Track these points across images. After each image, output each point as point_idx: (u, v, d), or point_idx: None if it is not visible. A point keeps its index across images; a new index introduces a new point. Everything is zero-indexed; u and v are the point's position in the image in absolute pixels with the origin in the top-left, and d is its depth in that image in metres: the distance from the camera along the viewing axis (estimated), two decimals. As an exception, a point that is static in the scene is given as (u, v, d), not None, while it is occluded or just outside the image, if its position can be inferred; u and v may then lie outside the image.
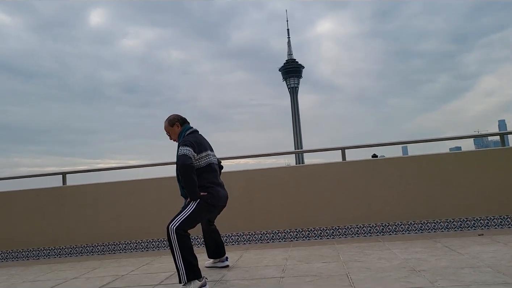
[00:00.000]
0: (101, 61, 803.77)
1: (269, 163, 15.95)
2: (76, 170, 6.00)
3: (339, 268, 3.31)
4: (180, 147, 3.18)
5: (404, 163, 5.00)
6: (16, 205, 5.59)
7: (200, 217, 3.20)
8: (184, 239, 2.98)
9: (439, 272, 2.90)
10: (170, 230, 2.98)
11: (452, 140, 5.79)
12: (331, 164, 5.16)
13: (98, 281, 3.66)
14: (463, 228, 4.68)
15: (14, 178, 6.18)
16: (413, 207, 4.80)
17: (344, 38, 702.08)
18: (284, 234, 4.98)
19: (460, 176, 4.80)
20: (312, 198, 5.00)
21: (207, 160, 3.31)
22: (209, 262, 3.77)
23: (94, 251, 5.32)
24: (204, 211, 3.18)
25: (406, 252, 3.71)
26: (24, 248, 5.45)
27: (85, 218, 5.40)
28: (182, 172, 3.08)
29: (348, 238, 4.84)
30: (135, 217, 5.29)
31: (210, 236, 3.70)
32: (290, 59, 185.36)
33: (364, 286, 2.69)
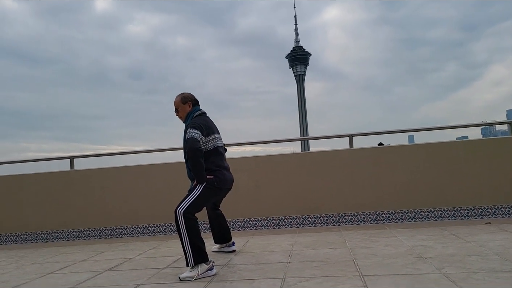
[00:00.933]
0: (107, 46, 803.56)
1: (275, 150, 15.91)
2: (83, 155, 6.02)
3: (345, 254, 3.32)
4: (188, 129, 3.17)
5: (411, 151, 4.97)
6: (25, 189, 5.64)
7: (207, 200, 3.21)
8: (192, 223, 3.00)
9: (446, 259, 2.90)
10: (178, 214, 3.00)
11: (459, 130, 5.74)
12: (338, 151, 5.14)
13: (106, 263, 3.70)
14: (470, 216, 4.67)
15: (23, 161, 6.23)
16: (420, 195, 4.78)
17: (351, 26, 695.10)
18: (290, 220, 4.99)
19: (468, 165, 4.77)
20: (319, 185, 5.00)
21: (215, 143, 3.30)
22: (216, 247, 3.80)
23: (101, 234, 5.38)
24: (210, 194, 3.19)
25: (412, 239, 3.71)
26: (33, 231, 5.52)
27: (92, 202, 5.45)
28: (190, 156, 3.08)
29: (354, 225, 4.85)
30: (141, 202, 5.33)
31: (216, 221, 3.72)
32: (297, 46, 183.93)
33: (371, 272, 2.70)
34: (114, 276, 3.18)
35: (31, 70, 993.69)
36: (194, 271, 2.91)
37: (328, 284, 2.49)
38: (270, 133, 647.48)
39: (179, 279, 2.89)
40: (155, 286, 2.80)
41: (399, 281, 2.44)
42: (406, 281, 2.43)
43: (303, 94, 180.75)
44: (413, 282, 2.40)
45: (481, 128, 17.96)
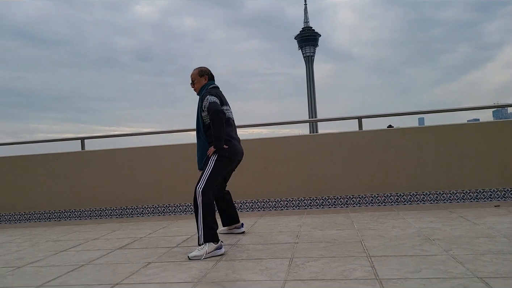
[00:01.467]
0: (115, 28, 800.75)
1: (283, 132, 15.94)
2: (94, 136, 6.08)
3: (353, 235, 3.35)
4: (207, 96, 3.24)
5: (420, 133, 4.94)
6: (38, 169, 5.74)
7: (220, 172, 3.27)
8: (209, 202, 3.11)
9: (454, 241, 2.92)
10: (197, 192, 3.10)
11: (470, 112, 5.69)
12: (347, 133, 5.12)
13: (117, 242, 3.78)
14: (479, 199, 4.66)
15: (35, 142, 6.32)
16: (429, 178, 4.77)
17: (361, 6, 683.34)
18: (298, 202, 5.03)
19: (477, 147, 4.73)
20: (327, 167, 5.00)
21: (227, 114, 3.37)
22: (224, 229, 3.84)
23: (112, 214, 5.47)
24: (222, 165, 3.25)
25: (420, 222, 3.72)
26: (46, 210, 5.64)
27: (103, 183, 5.53)
28: (214, 118, 3.13)
29: (362, 207, 4.87)
30: (151, 182, 5.39)
31: (223, 200, 3.72)
32: (306, 27, 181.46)
33: (378, 253, 2.73)
34: (126, 254, 3.26)
35: (39, 51, 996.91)
36: (202, 250, 2.97)
37: (335, 264, 2.52)
38: (278, 115, 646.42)
39: (188, 258, 2.95)
40: (165, 264, 2.86)
41: (407, 262, 2.46)
42: (413, 262, 2.45)
43: (312, 75, 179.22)
44: (420, 263, 2.42)
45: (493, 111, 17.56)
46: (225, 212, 3.76)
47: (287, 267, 2.53)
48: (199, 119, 3.34)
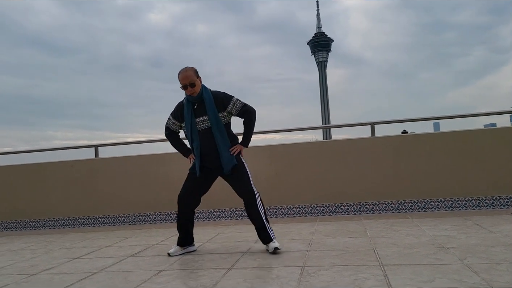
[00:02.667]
0: (128, 35, 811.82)
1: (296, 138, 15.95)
2: (107, 143, 6.16)
3: (366, 243, 3.31)
4: (233, 98, 3.30)
5: (435, 139, 4.87)
6: (53, 176, 5.82)
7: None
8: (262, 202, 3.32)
9: (469, 249, 2.86)
10: (255, 194, 3.25)
11: (486, 117, 5.58)
12: (360, 140, 5.08)
13: (130, 249, 3.80)
14: (495, 206, 4.57)
15: (49, 150, 6.42)
16: (444, 184, 4.70)
17: (373, 10, 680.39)
18: (310, 208, 5.00)
19: (493, 153, 4.65)
20: (340, 173, 4.97)
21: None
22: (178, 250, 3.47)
23: (125, 221, 5.51)
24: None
25: (435, 229, 3.66)
26: (60, 217, 5.71)
27: (116, 190, 5.58)
28: (254, 115, 3.35)
29: (375, 214, 4.81)
30: (164, 189, 5.41)
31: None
32: (319, 32, 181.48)
33: (391, 261, 2.69)
34: (138, 261, 3.27)
35: (55, 59, 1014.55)
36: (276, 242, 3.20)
37: (348, 273, 2.49)
38: (291, 121, 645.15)
39: (275, 249, 3.12)
40: (177, 272, 2.87)
41: (420, 271, 2.42)
42: (427, 271, 2.41)
43: (325, 81, 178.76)
44: (434, 272, 2.38)
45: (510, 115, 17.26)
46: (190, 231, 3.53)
47: (299, 276, 2.51)
48: (218, 119, 3.23)
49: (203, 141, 3.27)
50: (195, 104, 3.28)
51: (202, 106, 3.26)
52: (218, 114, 3.24)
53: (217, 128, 3.23)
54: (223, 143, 3.25)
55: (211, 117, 3.22)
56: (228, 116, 3.33)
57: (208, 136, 3.25)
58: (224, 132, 3.27)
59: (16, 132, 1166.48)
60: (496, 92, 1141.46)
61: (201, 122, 3.26)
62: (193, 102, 3.29)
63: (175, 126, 3.46)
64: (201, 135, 3.27)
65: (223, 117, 3.28)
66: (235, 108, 3.29)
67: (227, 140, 3.27)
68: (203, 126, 3.26)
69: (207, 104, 3.23)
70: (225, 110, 3.28)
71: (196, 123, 3.27)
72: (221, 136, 3.24)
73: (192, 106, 3.29)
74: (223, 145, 3.24)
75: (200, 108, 3.26)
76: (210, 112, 3.22)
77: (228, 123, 3.35)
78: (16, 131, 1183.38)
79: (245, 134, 3.38)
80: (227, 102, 3.28)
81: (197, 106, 3.28)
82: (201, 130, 3.27)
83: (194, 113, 3.27)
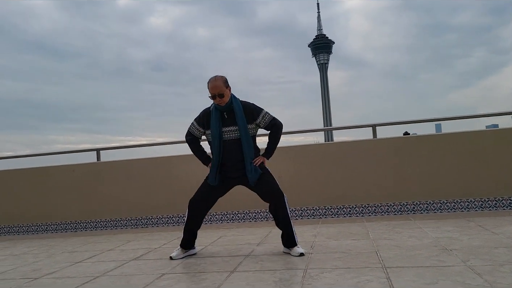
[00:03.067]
0: (129, 39, 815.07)
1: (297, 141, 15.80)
2: (109, 146, 6.17)
3: (368, 245, 3.30)
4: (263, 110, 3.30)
5: (437, 140, 4.87)
6: (55, 180, 5.83)
7: None
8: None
9: (472, 251, 2.85)
10: (284, 197, 3.22)
11: (488, 118, 5.56)
12: (361, 142, 5.08)
13: (132, 253, 3.80)
14: (498, 207, 4.56)
15: (51, 154, 6.43)
16: (446, 186, 4.69)
17: (374, 12, 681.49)
18: (312, 211, 4.99)
19: (496, 154, 4.64)
20: (342, 176, 4.96)
21: None
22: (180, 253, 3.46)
23: (127, 224, 5.51)
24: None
25: (437, 231, 3.65)
26: (62, 221, 5.71)
27: (118, 193, 5.58)
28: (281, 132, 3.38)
29: (378, 216, 4.80)
30: (166, 193, 5.42)
31: None
32: (320, 34, 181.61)
33: (394, 264, 2.68)
34: (140, 265, 3.27)
35: (56, 63, 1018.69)
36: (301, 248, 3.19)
37: (350, 276, 2.49)
38: (293, 123, 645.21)
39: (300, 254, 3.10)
40: (179, 275, 2.86)
41: (423, 273, 2.41)
42: (430, 273, 2.40)
43: (326, 83, 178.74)
44: (437, 274, 2.37)
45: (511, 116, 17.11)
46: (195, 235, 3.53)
47: (301, 279, 2.51)
48: (247, 130, 3.21)
49: (229, 151, 3.23)
50: (224, 112, 3.26)
51: (231, 115, 3.23)
52: (247, 125, 3.22)
53: (246, 139, 3.21)
54: (249, 155, 3.22)
55: (240, 128, 3.20)
56: (256, 128, 3.33)
57: (234, 147, 3.22)
58: (252, 143, 3.26)
59: (18, 136, 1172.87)
60: (498, 93, 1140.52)
61: (228, 131, 3.23)
62: (221, 110, 3.26)
63: (198, 132, 3.41)
64: (227, 145, 3.24)
65: (251, 129, 3.27)
66: (264, 121, 3.29)
67: (253, 152, 3.26)
68: (230, 136, 3.23)
69: (237, 114, 3.20)
70: (253, 122, 3.27)
71: (223, 132, 3.24)
72: (248, 148, 3.22)
73: (220, 115, 3.26)
74: (249, 157, 3.22)
75: (229, 118, 3.23)
76: (239, 122, 3.20)
77: (254, 135, 3.34)
78: (17, 135, 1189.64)
79: (269, 146, 3.37)
80: (256, 115, 3.27)
81: (226, 115, 3.25)
82: (227, 140, 3.24)
83: (222, 122, 3.25)
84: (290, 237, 3.24)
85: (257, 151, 3.36)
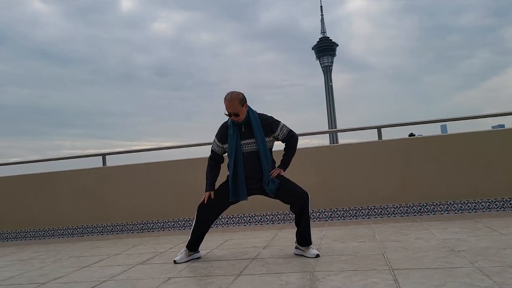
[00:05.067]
0: (133, 45, 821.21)
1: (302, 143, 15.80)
2: (115, 151, 6.19)
3: (375, 247, 3.28)
4: (280, 123, 3.33)
5: (443, 141, 4.84)
6: (61, 185, 5.86)
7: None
8: None
9: (480, 252, 2.82)
10: (309, 198, 3.28)
11: (494, 118, 5.52)
12: (367, 144, 5.07)
13: (138, 257, 3.80)
14: (505, 208, 4.52)
15: (57, 159, 6.46)
16: (453, 187, 4.66)
17: (376, 15, 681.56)
18: (318, 213, 4.97)
19: (503, 154, 4.61)
20: (347, 178, 4.95)
21: None
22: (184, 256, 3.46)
23: (134, 229, 5.52)
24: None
25: (445, 232, 3.62)
26: (69, 226, 5.73)
27: (124, 198, 5.60)
28: (296, 144, 3.43)
29: (384, 218, 4.78)
30: (172, 197, 5.43)
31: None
32: (323, 37, 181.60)
33: (401, 266, 2.66)
34: (146, 269, 3.27)
35: (62, 70, 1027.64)
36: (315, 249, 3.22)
37: (357, 278, 2.47)
38: (297, 126, 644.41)
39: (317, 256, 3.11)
40: (185, 279, 2.86)
41: (431, 275, 2.39)
42: (437, 275, 2.38)
43: (330, 85, 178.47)
44: (445, 276, 2.35)
45: (518, 116, 16.76)
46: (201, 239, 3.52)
47: (308, 282, 2.50)
48: (264, 143, 3.24)
49: (247, 164, 3.25)
50: (242, 126, 3.28)
51: (248, 129, 3.25)
52: (265, 139, 3.24)
53: (264, 151, 3.23)
54: (267, 167, 3.25)
55: (258, 141, 3.22)
56: (273, 141, 3.36)
57: (252, 160, 3.24)
58: (269, 156, 3.30)
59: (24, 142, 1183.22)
60: (503, 93, 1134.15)
61: (246, 144, 3.26)
62: (239, 125, 3.28)
63: (219, 149, 3.42)
64: (245, 158, 3.26)
65: (268, 141, 3.29)
66: (282, 134, 3.32)
67: (270, 164, 3.30)
68: (248, 149, 3.26)
69: (255, 127, 3.23)
70: (271, 135, 3.30)
71: (242, 145, 3.26)
72: (266, 160, 3.24)
73: (238, 128, 3.28)
74: (267, 169, 3.25)
75: (247, 131, 3.26)
76: (257, 136, 3.22)
77: (271, 148, 3.37)
78: (24, 141, 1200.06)
79: (286, 158, 3.39)
80: (275, 128, 3.30)
81: (244, 129, 3.27)
82: (245, 153, 3.26)
83: (240, 135, 3.27)
84: (307, 235, 3.26)
85: (273, 164, 3.38)
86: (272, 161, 3.37)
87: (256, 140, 3.22)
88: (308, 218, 3.29)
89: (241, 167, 3.25)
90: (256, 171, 3.26)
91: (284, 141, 3.39)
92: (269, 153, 3.31)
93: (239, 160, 3.26)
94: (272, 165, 3.33)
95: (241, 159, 3.25)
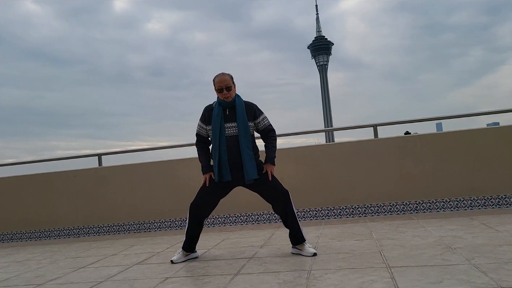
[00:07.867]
0: (128, 45, 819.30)
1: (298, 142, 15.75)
2: (110, 151, 6.17)
3: (372, 245, 3.29)
4: (263, 114, 3.37)
5: (438, 139, 4.86)
6: (57, 186, 5.83)
7: None
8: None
9: (476, 249, 2.84)
10: (290, 195, 3.30)
11: (489, 116, 5.55)
12: (363, 142, 5.07)
13: (135, 257, 3.79)
14: (501, 205, 4.54)
15: (53, 160, 6.43)
16: (449, 184, 4.68)
17: (370, 14, 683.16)
18: (315, 212, 4.98)
19: (498, 152, 4.63)
20: (344, 176, 4.95)
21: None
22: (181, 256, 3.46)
23: (130, 229, 5.50)
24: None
25: (441, 230, 3.64)
26: (65, 227, 5.71)
27: (121, 198, 5.58)
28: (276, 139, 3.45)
29: (381, 216, 4.79)
30: (168, 196, 5.42)
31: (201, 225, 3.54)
32: (319, 36, 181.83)
33: (398, 263, 2.67)
34: (143, 269, 3.26)
35: (56, 70, 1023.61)
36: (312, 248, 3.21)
37: (354, 276, 2.48)
38: (293, 125, 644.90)
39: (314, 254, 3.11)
40: (182, 279, 2.86)
41: (427, 272, 2.40)
42: (434, 272, 2.39)
43: (326, 84, 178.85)
44: (441, 273, 2.36)
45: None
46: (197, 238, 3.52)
47: (305, 280, 2.50)
48: (247, 126, 3.23)
49: (229, 147, 3.24)
50: (226, 109, 3.28)
51: (233, 112, 3.26)
52: (248, 123, 3.25)
53: (244, 136, 3.22)
54: (247, 153, 3.22)
55: (240, 124, 3.22)
56: (254, 128, 3.37)
57: (233, 144, 3.23)
58: (250, 141, 3.27)
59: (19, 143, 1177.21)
60: (497, 91, 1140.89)
61: (229, 128, 3.25)
62: (224, 107, 3.28)
63: (204, 131, 3.40)
64: (227, 141, 3.24)
65: (250, 126, 3.29)
66: (262, 123, 3.36)
67: (251, 150, 3.27)
68: (230, 133, 3.24)
69: (238, 111, 3.24)
70: (253, 121, 3.32)
71: (225, 129, 3.25)
72: (247, 145, 3.22)
73: (223, 111, 3.28)
74: (247, 154, 3.21)
75: (231, 114, 3.26)
76: (240, 119, 3.22)
77: (253, 134, 3.37)
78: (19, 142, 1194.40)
79: (270, 152, 3.38)
80: (258, 115, 3.33)
81: (228, 112, 3.28)
82: (228, 136, 3.24)
83: (224, 118, 3.27)
84: (298, 233, 3.26)
85: (256, 151, 3.37)
86: (256, 149, 3.36)
87: (237, 123, 3.22)
88: (294, 216, 3.30)
89: (224, 150, 3.24)
90: (236, 156, 3.25)
91: (263, 132, 3.39)
92: (250, 137, 3.27)
93: (222, 144, 3.24)
94: (254, 151, 3.31)
95: (224, 143, 3.24)
